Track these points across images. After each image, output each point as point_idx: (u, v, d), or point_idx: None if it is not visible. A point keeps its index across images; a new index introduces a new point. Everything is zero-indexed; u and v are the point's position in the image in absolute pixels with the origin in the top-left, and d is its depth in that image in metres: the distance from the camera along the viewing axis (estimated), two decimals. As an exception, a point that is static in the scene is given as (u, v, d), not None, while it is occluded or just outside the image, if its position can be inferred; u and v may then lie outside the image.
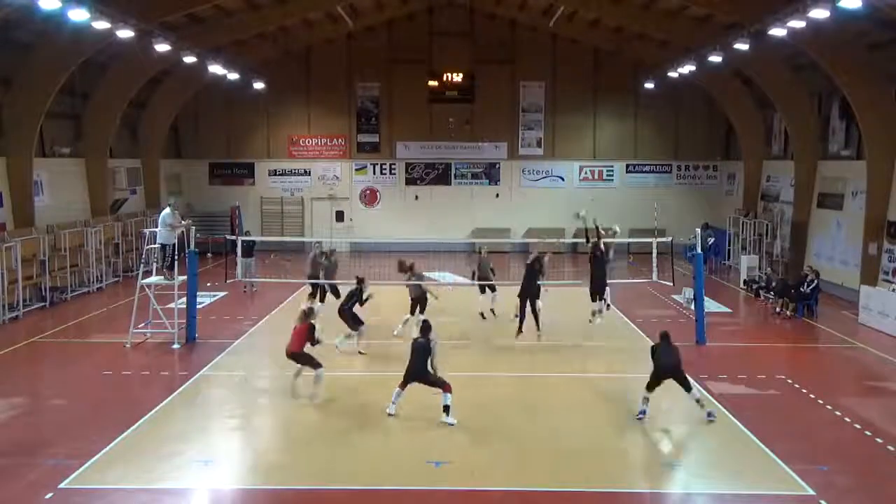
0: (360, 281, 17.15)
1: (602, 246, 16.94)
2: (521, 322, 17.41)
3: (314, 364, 13.60)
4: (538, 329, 17.50)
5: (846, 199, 24.20)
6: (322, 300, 19.78)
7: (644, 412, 12.64)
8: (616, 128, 35.85)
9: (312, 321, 13.77)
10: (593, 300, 17.32)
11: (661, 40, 29.09)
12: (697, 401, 12.63)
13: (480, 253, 20.91)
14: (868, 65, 21.13)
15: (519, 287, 17.54)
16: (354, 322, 16.77)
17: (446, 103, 34.54)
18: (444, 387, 12.49)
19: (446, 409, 12.38)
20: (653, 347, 13.05)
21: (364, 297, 16.93)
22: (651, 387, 12.65)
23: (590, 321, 17.45)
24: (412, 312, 17.97)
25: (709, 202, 34.99)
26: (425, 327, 12.98)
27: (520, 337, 17.30)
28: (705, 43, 24.25)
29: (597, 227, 17.15)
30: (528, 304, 17.37)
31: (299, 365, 13.75)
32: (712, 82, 30.24)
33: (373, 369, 15.72)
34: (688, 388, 12.62)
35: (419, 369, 12.58)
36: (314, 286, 20.35)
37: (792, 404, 13.73)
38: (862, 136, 22.27)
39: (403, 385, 12.70)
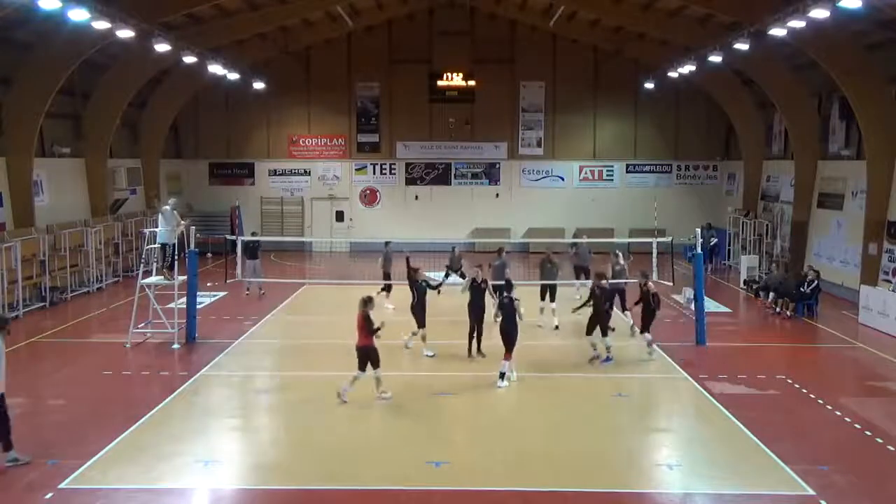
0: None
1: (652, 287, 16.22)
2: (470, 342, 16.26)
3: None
4: (479, 352, 16.17)
5: (846, 199, 24.19)
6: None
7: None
8: (616, 128, 35.83)
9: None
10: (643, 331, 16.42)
11: (661, 40, 29.09)
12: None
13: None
14: (868, 65, 21.13)
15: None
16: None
17: (446, 103, 34.56)
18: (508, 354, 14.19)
19: (502, 375, 14.09)
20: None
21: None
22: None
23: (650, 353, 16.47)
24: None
25: (709, 202, 34.97)
26: (508, 286, 14.75)
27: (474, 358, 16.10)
28: (705, 43, 24.26)
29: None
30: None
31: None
32: (712, 82, 30.23)
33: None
34: None
35: (512, 328, 14.13)
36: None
37: (792, 404, 13.72)
38: (862, 136, 22.25)
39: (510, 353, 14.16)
